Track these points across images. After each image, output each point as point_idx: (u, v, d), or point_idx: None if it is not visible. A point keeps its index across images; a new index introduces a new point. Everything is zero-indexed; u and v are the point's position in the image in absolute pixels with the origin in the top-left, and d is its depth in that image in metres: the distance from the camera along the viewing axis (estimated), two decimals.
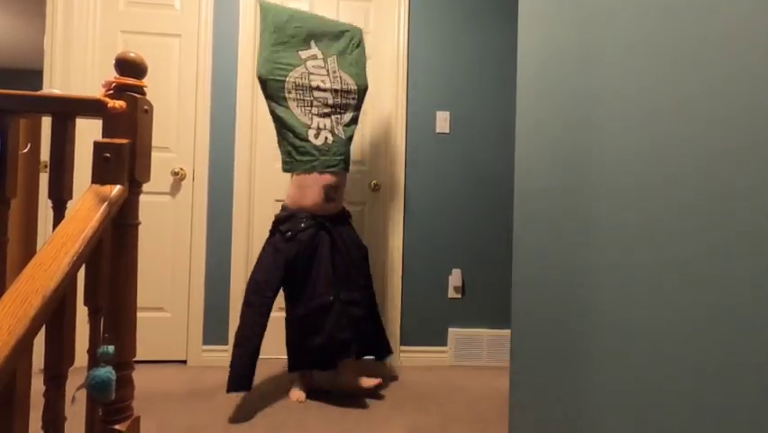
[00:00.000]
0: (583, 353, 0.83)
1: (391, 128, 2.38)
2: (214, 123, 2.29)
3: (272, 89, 1.83)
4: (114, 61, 1.04)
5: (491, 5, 2.43)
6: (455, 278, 2.37)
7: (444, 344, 2.38)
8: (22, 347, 0.66)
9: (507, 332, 2.36)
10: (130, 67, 1.04)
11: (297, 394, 1.85)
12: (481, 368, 2.32)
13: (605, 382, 0.76)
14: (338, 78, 1.93)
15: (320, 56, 1.92)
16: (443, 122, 2.40)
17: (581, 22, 0.88)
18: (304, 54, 1.90)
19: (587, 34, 0.86)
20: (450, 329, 2.38)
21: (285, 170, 1.90)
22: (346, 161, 1.91)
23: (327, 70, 1.92)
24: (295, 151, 1.83)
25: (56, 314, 0.78)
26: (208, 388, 1.95)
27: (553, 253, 0.98)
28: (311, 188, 1.81)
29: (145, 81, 1.09)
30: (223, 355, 2.24)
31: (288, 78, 1.83)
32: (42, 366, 0.83)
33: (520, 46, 1.21)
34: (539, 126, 1.08)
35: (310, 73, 1.88)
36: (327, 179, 1.83)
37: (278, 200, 2.35)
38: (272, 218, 2.33)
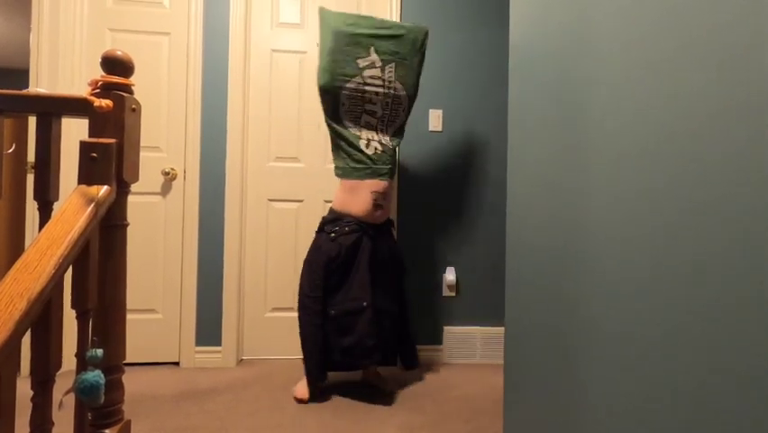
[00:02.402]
0: (577, 350, 0.83)
1: None
2: (205, 122, 2.26)
3: (329, 100, 1.86)
4: (100, 60, 1.02)
5: (482, 2, 2.43)
6: (449, 276, 2.37)
7: (439, 342, 2.38)
8: (7, 352, 0.64)
9: (501, 330, 2.37)
10: (116, 65, 1.02)
11: (300, 391, 1.84)
12: (476, 366, 2.32)
13: (599, 379, 0.76)
14: (392, 89, 1.90)
15: (378, 63, 1.87)
16: (435, 120, 2.40)
17: (573, 17, 0.88)
18: (362, 62, 1.85)
19: (579, 30, 0.86)
20: (444, 327, 2.38)
21: (338, 176, 1.92)
22: (393, 170, 1.92)
23: (383, 80, 1.88)
24: (350, 159, 1.87)
25: (42, 317, 0.77)
26: (201, 390, 1.94)
27: (546, 250, 0.97)
28: (361, 195, 1.84)
29: (133, 80, 1.07)
30: (216, 357, 2.23)
31: (343, 91, 1.84)
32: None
33: (511, 43, 1.20)
34: (532, 124, 1.08)
35: (365, 84, 1.85)
36: (377, 186, 1.84)
37: (270, 199, 2.34)
38: (264, 217, 2.34)
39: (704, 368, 0.52)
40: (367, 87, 1.85)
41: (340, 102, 1.85)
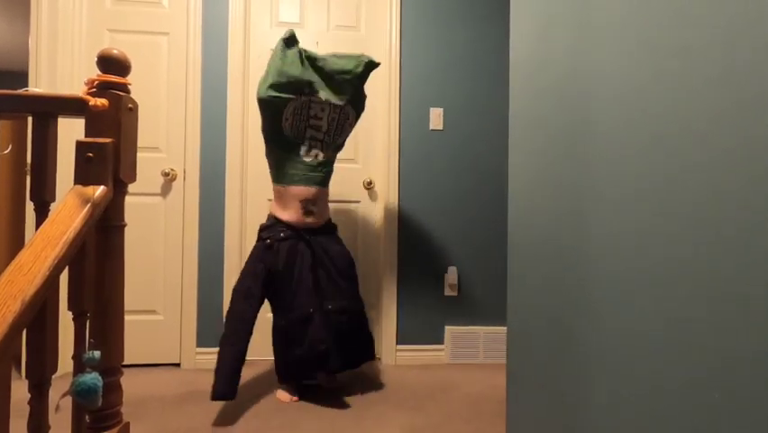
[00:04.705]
0: (580, 349, 0.81)
1: (384, 125, 2.36)
2: (205, 122, 2.25)
3: (270, 110, 1.81)
4: (96, 59, 1.01)
5: (483, 0, 2.42)
6: (451, 276, 2.36)
7: (441, 342, 2.36)
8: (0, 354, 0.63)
9: (503, 329, 2.35)
10: (112, 64, 1.01)
11: (283, 395, 1.85)
12: (478, 366, 2.31)
13: (602, 378, 0.74)
14: (338, 112, 1.89)
15: (322, 97, 1.85)
16: (436, 118, 2.38)
17: (574, 15, 0.87)
18: (310, 96, 1.84)
19: (580, 28, 0.84)
20: (446, 327, 2.36)
21: (273, 180, 1.89)
22: (327, 178, 1.90)
23: (330, 106, 1.87)
24: (288, 164, 1.83)
25: (37, 319, 0.76)
26: (202, 391, 1.93)
27: (548, 248, 0.96)
28: (290, 202, 1.81)
29: (132, 80, 1.06)
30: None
31: (287, 106, 1.81)
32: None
33: (512, 40, 1.19)
34: (533, 122, 1.06)
35: (311, 103, 1.83)
36: (305, 192, 1.81)
37: (270, 200, 2.32)
38: (264, 217, 2.31)
39: (709, 362, 0.51)
40: (313, 105, 1.84)
41: (283, 117, 1.80)
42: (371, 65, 1.93)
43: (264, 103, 1.80)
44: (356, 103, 1.96)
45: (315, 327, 1.71)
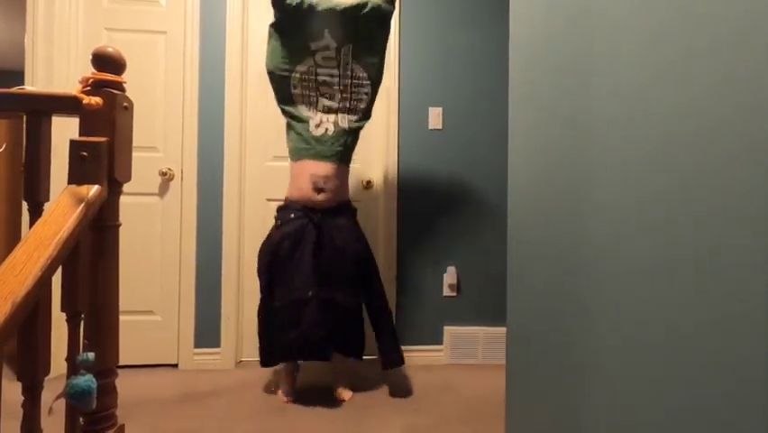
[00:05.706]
0: (580, 350, 0.80)
1: (383, 124, 2.35)
2: (203, 121, 2.24)
3: (278, 83, 1.83)
4: (90, 57, 1.00)
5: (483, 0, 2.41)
6: (450, 275, 2.35)
7: (440, 342, 2.35)
8: None
9: (503, 330, 2.33)
10: (107, 62, 1.00)
11: (280, 395, 1.83)
12: (477, 366, 2.30)
13: (602, 379, 0.73)
14: (349, 72, 1.83)
15: (333, 46, 1.80)
16: (435, 117, 2.37)
17: (575, 12, 0.86)
18: (314, 45, 1.79)
19: (580, 27, 0.83)
20: (445, 327, 2.35)
21: (290, 158, 1.89)
22: (344, 153, 1.83)
23: (339, 63, 1.81)
24: (297, 139, 1.82)
25: (28, 321, 0.74)
26: (200, 392, 1.92)
27: (548, 248, 0.95)
28: (300, 178, 1.79)
29: (129, 79, 1.05)
30: (215, 358, 2.21)
31: (293, 74, 1.80)
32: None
33: (512, 39, 1.18)
34: (533, 122, 1.05)
35: (318, 66, 1.79)
36: (315, 168, 1.77)
37: (268, 199, 2.31)
38: (262, 216, 2.31)
39: (709, 362, 0.50)
40: (320, 70, 1.80)
41: (291, 85, 1.80)
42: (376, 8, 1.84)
43: (271, 75, 1.83)
44: (366, 61, 1.85)
45: (311, 311, 1.68)
